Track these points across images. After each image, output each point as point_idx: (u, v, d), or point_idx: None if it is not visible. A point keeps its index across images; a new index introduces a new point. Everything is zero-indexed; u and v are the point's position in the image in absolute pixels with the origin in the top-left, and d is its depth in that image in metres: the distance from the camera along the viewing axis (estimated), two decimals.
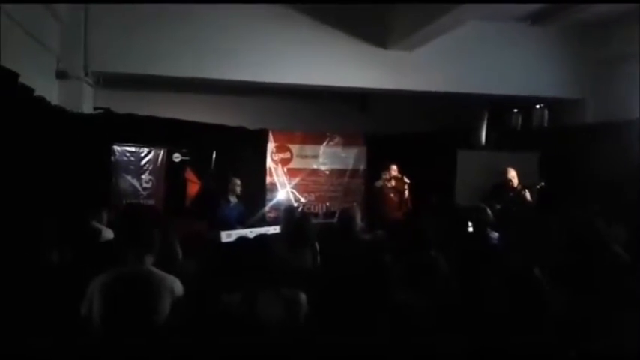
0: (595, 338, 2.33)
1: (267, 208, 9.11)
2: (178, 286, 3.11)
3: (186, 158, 8.48)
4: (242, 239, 3.88)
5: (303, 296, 3.10)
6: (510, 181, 7.61)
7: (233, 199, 7.50)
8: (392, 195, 8.14)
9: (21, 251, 3.95)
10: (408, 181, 8.01)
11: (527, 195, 7.49)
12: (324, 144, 9.69)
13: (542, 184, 7.67)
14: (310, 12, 7.94)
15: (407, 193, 8.08)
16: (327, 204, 9.51)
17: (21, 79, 5.07)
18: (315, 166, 9.65)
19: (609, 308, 2.53)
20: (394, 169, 8.11)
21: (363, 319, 2.46)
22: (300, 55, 7.96)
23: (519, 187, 7.55)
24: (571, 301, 2.63)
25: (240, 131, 8.98)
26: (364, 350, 2.20)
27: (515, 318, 2.33)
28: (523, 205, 7.41)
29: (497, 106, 9.40)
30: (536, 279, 2.43)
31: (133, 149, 8.04)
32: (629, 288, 2.94)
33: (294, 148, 9.56)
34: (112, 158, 7.82)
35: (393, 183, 8.13)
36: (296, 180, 9.44)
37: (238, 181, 7.56)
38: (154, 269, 3.14)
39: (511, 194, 7.49)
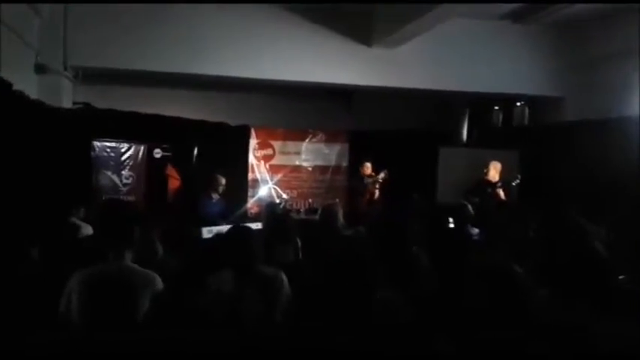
0: (573, 335, 2.35)
1: (249, 205, 9.09)
2: (158, 282, 3.09)
3: (167, 154, 8.43)
4: (221, 234, 3.89)
5: (282, 274, 3.21)
6: (489, 176, 7.74)
7: (215, 196, 7.44)
8: (364, 190, 8.46)
9: None
10: (380, 180, 8.22)
11: (502, 192, 7.63)
12: (307, 140, 9.69)
13: (518, 180, 7.80)
14: (295, 9, 7.90)
15: (377, 191, 8.37)
16: (310, 200, 9.52)
17: None
18: (297, 163, 9.65)
19: (588, 305, 2.55)
20: (367, 167, 8.37)
21: (343, 315, 2.45)
22: (284, 52, 7.91)
23: (498, 183, 7.66)
24: (550, 297, 2.65)
25: (222, 127, 8.95)
26: (345, 347, 2.20)
27: (494, 314, 2.34)
28: (501, 201, 7.52)
29: (479, 104, 9.48)
30: (516, 274, 2.45)
31: (113, 144, 7.97)
32: (608, 285, 2.97)
33: (277, 144, 9.56)
34: (92, 153, 7.75)
35: (367, 180, 8.48)
36: (278, 176, 9.44)
37: (223, 180, 7.45)
38: (134, 265, 3.12)
39: (489, 190, 7.59)
